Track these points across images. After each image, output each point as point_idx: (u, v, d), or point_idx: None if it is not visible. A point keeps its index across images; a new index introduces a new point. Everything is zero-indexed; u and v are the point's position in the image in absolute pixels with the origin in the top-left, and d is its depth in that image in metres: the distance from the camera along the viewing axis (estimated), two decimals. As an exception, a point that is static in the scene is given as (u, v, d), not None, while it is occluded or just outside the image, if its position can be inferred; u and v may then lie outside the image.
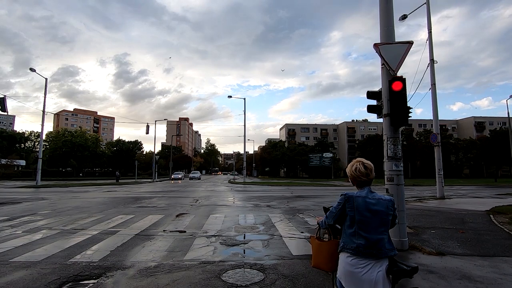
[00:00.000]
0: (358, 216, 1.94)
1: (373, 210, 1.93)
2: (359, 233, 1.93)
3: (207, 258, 4.81)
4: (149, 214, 9.42)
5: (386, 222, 1.96)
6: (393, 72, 4.91)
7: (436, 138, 14.43)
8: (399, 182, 4.93)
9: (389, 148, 4.98)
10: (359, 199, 1.98)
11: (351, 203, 1.99)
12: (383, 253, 1.90)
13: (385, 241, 1.93)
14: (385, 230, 1.96)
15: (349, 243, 1.96)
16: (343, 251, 2.00)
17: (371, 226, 1.92)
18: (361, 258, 1.90)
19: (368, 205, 1.95)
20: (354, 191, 2.09)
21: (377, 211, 1.93)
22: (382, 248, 1.90)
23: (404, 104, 4.79)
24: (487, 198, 15.36)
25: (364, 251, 1.89)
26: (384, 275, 1.87)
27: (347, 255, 1.95)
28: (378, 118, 5.43)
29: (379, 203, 1.97)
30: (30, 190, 22.13)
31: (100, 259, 4.76)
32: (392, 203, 2.02)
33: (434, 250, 4.77)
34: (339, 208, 2.06)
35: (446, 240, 5.62)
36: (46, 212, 10.13)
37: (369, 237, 1.90)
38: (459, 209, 10.15)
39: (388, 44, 5.01)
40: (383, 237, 1.93)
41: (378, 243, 1.90)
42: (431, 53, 14.52)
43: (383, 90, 5.11)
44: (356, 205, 1.96)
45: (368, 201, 1.97)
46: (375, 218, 1.93)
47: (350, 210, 1.98)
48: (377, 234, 1.92)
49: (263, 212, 10.03)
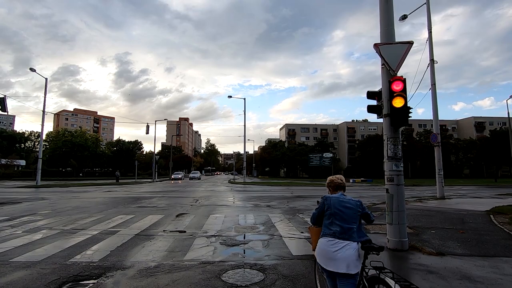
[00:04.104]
0: (334, 210, 2.54)
1: (345, 206, 2.54)
2: (335, 222, 2.50)
3: (207, 258, 4.81)
4: (149, 214, 9.42)
5: (355, 216, 2.53)
6: (393, 72, 4.91)
7: (436, 138, 14.43)
8: (399, 182, 4.93)
9: (389, 148, 4.97)
10: (334, 198, 2.63)
11: (328, 201, 2.61)
12: (354, 238, 2.43)
13: (355, 230, 2.47)
14: (355, 222, 2.51)
15: (327, 231, 2.52)
16: (322, 237, 2.54)
17: (343, 217, 2.49)
18: (338, 240, 2.43)
19: (341, 202, 2.57)
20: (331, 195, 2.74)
21: (348, 207, 2.54)
22: (353, 234, 2.44)
23: (404, 104, 4.79)
24: (487, 198, 15.36)
25: (339, 236, 2.44)
26: (356, 254, 2.37)
27: (326, 238, 2.49)
28: (378, 118, 5.43)
29: (349, 202, 2.59)
30: (30, 190, 22.14)
31: (100, 259, 4.76)
32: (360, 203, 2.62)
33: (434, 250, 4.77)
34: (320, 207, 2.67)
35: (446, 240, 5.61)
36: (46, 212, 10.13)
37: (342, 225, 2.47)
38: (459, 209, 10.15)
39: (388, 44, 5.01)
40: (353, 227, 2.48)
41: (349, 230, 2.45)
42: (431, 53, 14.52)
43: (383, 90, 5.11)
44: (332, 202, 2.58)
45: (341, 199, 2.60)
46: (347, 212, 2.52)
47: (327, 207, 2.59)
48: (348, 224, 2.47)
49: (263, 212, 10.04)
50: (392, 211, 4.88)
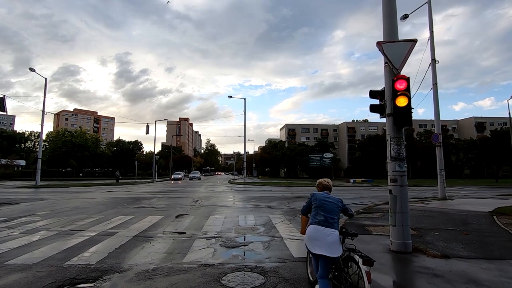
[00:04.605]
0: (319, 203, 3.16)
1: (327, 201, 3.17)
2: (320, 213, 3.09)
3: (207, 261, 4.72)
4: (149, 215, 9.33)
5: (336, 209, 3.14)
6: (397, 70, 4.81)
7: (438, 138, 14.33)
8: (402, 183, 4.82)
9: (393, 148, 4.87)
10: (319, 195, 3.27)
11: (315, 197, 3.24)
12: (335, 227, 3.02)
13: (336, 220, 3.07)
14: (336, 214, 3.11)
15: (313, 220, 3.11)
16: (310, 224, 3.12)
17: (326, 209, 3.10)
18: (323, 227, 2.98)
19: (325, 198, 3.21)
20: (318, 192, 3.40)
21: (330, 201, 3.16)
22: (334, 224, 3.03)
23: (408, 104, 4.69)
24: (489, 198, 15.25)
25: (323, 223, 3.00)
26: (337, 239, 2.96)
27: (313, 226, 3.05)
28: (381, 117, 5.33)
29: (331, 198, 3.22)
30: (29, 190, 22.05)
31: (97, 261, 4.67)
32: (340, 200, 3.23)
33: (439, 253, 4.66)
34: (308, 201, 3.29)
35: (450, 242, 5.50)
36: (44, 212, 10.03)
37: (326, 215, 3.05)
38: (462, 210, 10.04)
39: (392, 42, 4.91)
40: (335, 217, 3.08)
41: (331, 219, 3.04)
42: (433, 52, 14.43)
43: (386, 89, 5.01)
44: (318, 198, 3.21)
45: (324, 196, 3.25)
46: (329, 205, 3.13)
47: (314, 201, 3.21)
48: (330, 214, 3.07)
49: (264, 213, 9.94)
50: (396, 212, 4.78)
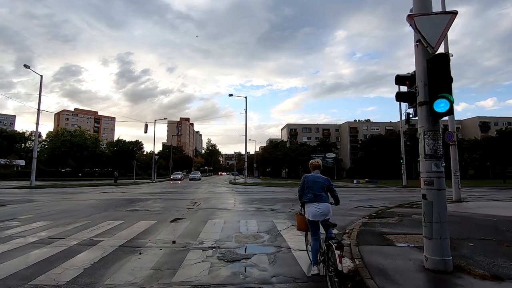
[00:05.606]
0: (309, 184, 4.04)
1: (316, 181, 4.03)
2: (310, 191, 3.98)
3: (201, 280, 3.87)
4: (141, 220, 8.48)
5: (323, 187, 4.00)
6: (432, 49, 3.94)
7: (452, 137, 13.46)
8: (440, 187, 3.94)
9: (427, 144, 3.99)
10: (310, 176, 4.13)
11: (306, 179, 4.12)
12: (325, 200, 3.94)
13: (323, 195, 3.94)
14: (323, 191, 3.98)
15: (306, 198, 4.00)
16: (306, 203, 4.02)
17: (314, 188, 3.96)
18: (314, 202, 3.91)
19: (314, 178, 4.07)
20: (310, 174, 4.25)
21: (317, 181, 4.02)
22: (323, 198, 3.92)
23: (448, 89, 3.82)
24: (506, 201, 14.33)
25: (313, 199, 3.92)
26: (329, 209, 3.92)
27: (309, 204, 3.96)
28: (410, 108, 4.47)
29: (320, 178, 4.08)
30: (23, 191, 21.26)
31: (68, 281, 3.83)
32: (327, 179, 4.08)
33: (488, 273, 3.74)
34: (302, 183, 4.15)
35: (493, 257, 4.56)
36: (27, 216, 9.18)
37: (314, 192, 3.94)
38: (484, 215, 9.14)
39: (426, 15, 4.04)
40: (322, 193, 3.95)
41: (319, 195, 3.92)
42: (446, 46, 13.53)
43: (419, 72, 4.14)
44: (308, 179, 4.09)
45: (314, 176, 4.10)
46: (317, 185, 4.00)
47: (305, 182, 4.09)
48: (318, 192, 3.94)
49: (267, 217, 9.06)
50: (432, 222, 3.90)
